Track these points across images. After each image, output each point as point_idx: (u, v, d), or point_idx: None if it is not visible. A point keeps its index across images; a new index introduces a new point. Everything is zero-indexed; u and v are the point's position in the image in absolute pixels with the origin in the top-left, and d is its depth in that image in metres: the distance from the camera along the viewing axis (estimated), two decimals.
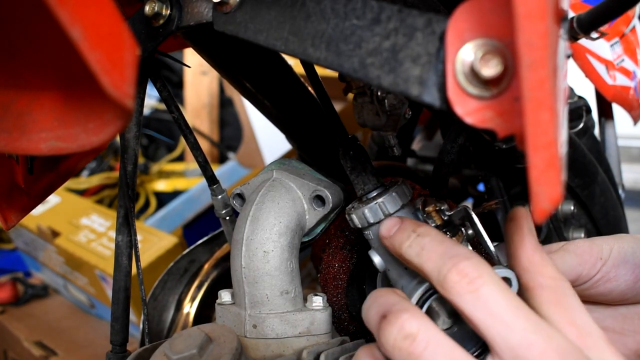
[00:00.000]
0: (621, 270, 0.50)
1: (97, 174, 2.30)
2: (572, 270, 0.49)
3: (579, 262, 0.49)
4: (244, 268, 0.54)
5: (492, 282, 0.39)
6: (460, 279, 0.39)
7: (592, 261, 0.49)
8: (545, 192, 0.31)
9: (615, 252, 0.50)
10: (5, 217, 0.56)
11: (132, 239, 0.61)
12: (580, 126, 0.94)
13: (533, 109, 0.30)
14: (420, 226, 0.45)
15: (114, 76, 0.30)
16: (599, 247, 0.50)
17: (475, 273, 0.39)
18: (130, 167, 0.60)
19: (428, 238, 0.43)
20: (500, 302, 0.38)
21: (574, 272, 0.49)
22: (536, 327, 0.37)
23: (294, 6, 0.41)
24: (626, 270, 0.50)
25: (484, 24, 0.33)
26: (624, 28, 1.05)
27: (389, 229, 0.47)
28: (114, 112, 0.35)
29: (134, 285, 0.63)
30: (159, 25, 0.49)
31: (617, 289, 0.50)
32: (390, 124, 0.60)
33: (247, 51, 0.64)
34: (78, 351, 1.55)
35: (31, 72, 0.41)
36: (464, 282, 0.39)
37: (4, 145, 0.40)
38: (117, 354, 0.63)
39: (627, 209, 1.04)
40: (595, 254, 0.50)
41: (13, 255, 2.06)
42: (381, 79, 0.36)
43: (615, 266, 0.50)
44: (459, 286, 0.39)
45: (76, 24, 0.29)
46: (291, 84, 0.70)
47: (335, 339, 0.55)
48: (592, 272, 0.50)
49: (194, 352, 0.46)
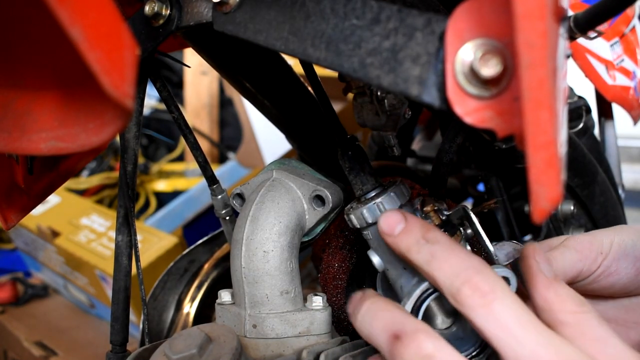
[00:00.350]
0: (622, 263, 0.49)
1: (97, 174, 2.30)
2: (572, 267, 0.49)
3: (579, 258, 0.49)
4: (244, 268, 0.54)
5: (504, 297, 0.39)
6: (473, 293, 0.39)
7: (592, 256, 0.49)
8: (545, 191, 0.31)
9: (616, 246, 0.50)
10: (5, 217, 0.56)
11: (132, 239, 0.61)
12: (580, 126, 0.94)
13: (532, 109, 0.30)
14: (428, 230, 0.44)
15: (113, 76, 0.30)
16: (599, 241, 0.50)
17: (488, 287, 0.39)
18: (130, 167, 0.60)
19: (438, 246, 0.43)
20: (512, 317, 0.38)
21: (575, 269, 0.49)
22: (547, 341, 0.38)
23: (293, 6, 0.41)
24: (627, 263, 0.49)
25: (483, 24, 0.33)
26: (624, 28, 1.05)
27: (390, 226, 0.46)
28: (113, 112, 0.35)
29: (134, 285, 0.63)
30: (158, 25, 0.49)
31: (619, 282, 0.50)
32: (390, 124, 0.60)
33: (247, 51, 0.64)
34: (78, 351, 1.55)
35: (31, 72, 0.41)
36: (476, 296, 0.39)
37: (4, 145, 0.41)
38: (117, 354, 0.63)
39: (627, 209, 1.04)
40: (595, 248, 0.49)
41: (13, 255, 2.06)
42: (381, 79, 0.36)
43: (616, 260, 0.49)
44: (472, 300, 0.39)
45: (76, 24, 0.29)
46: (291, 84, 0.70)
47: (335, 339, 0.55)
48: (593, 267, 0.49)
49: (194, 352, 0.46)
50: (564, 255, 0.49)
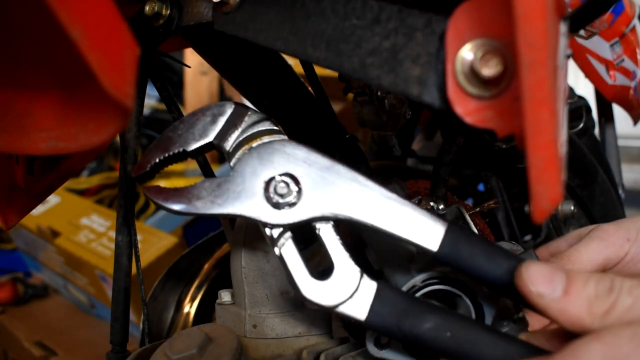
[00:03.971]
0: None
1: (97, 174, 2.29)
2: (598, 255, 0.49)
3: (605, 246, 0.49)
4: (244, 268, 0.54)
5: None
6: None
7: (619, 242, 0.49)
8: (545, 191, 0.31)
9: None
10: (5, 217, 0.56)
11: (132, 239, 0.61)
12: (580, 126, 0.94)
13: (533, 109, 0.30)
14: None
15: (114, 76, 0.30)
16: (625, 228, 0.50)
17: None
18: (130, 167, 0.60)
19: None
20: None
21: (601, 256, 0.49)
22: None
23: (293, 6, 0.41)
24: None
25: (483, 24, 0.33)
26: (624, 28, 1.05)
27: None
28: (113, 112, 0.35)
29: (134, 285, 0.63)
30: (159, 25, 0.49)
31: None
32: (390, 124, 0.60)
33: (247, 51, 0.64)
34: (78, 351, 1.55)
35: (31, 72, 0.41)
36: None
37: (4, 145, 0.40)
38: (117, 354, 0.63)
39: (627, 209, 1.04)
40: (622, 235, 0.49)
41: (13, 255, 2.06)
42: (381, 79, 0.36)
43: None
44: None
45: (76, 24, 0.29)
46: (291, 84, 0.70)
47: (335, 338, 0.55)
48: (621, 253, 0.49)
49: (193, 352, 0.46)
50: (589, 245, 0.49)
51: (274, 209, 0.43)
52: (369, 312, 0.41)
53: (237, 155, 0.44)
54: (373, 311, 0.41)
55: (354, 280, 0.42)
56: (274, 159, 0.43)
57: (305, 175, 0.43)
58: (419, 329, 0.40)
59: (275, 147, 0.44)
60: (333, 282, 0.42)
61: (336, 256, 0.42)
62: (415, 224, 0.42)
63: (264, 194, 0.43)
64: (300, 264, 0.42)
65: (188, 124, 0.47)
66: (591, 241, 0.49)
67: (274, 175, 0.43)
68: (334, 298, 0.41)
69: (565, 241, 0.56)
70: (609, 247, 0.49)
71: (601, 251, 0.49)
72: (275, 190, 0.43)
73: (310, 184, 0.43)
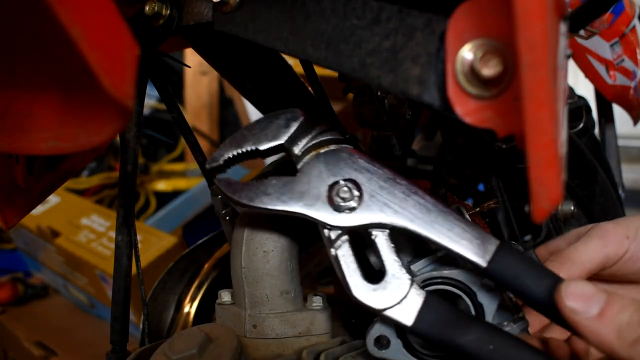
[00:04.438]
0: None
1: (97, 174, 2.30)
2: (598, 253, 0.49)
3: (604, 244, 0.49)
4: (244, 268, 0.54)
5: None
6: None
7: (618, 240, 0.49)
8: (545, 191, 0.31)
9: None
10: (5, 217, 0.55)
11: (132, 239, 0.61)
12: (580, 126, 0.94)
13: (533, 109, 0.30)
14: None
15: (114, 76, 0.30)
16: (624, 226, 0.50)
17: None
18: (130, 167, 0.60)
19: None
20: None
21: (600, 254, 0.49)
22: None
23: (293, 6, 0.41)
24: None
25: (483, 24, 0.33)
26: (624, 28, 1.05)
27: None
28: (113, 112, 0.35)
29: (134, 285, 0.63)
30: (159, 25, 0.49)
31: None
32: (390, 124, 0.60)
33: (247, 51, 0.64)
34: (78, 351, 1.54)
35: (31, 72, 0.41)
36: None
37: (4, 145, 0.40)
38: (117, 354, 0.63)
39: (627, 209, 1.04)
40: (620, 232, 0.49)
41: (13, 255, 2.06)
42: (381, 78, 0.36)
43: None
44: None
45: (76, 24, 0.29)
46: (291, 84, 0.70)
47: (335, 338, 0.55)
48: (620, 251, 0.49)
49: (193, 352, 0.46)
50: (588, 244, 0.49)
51: (334, 211, 0.46)
52: (416, 318, 0.43)
53: (305, 159, 0.48)
54: (420, 318, 0.43)
55: (404, 287, 0.44)
56: (339, 165, 0.46)
57: (367, 182, 0.46)
58: (462, 339, 0.42)
59: (341, 155, 0.47)
60: (384, 287, 0.44)
61: (389, 263, 0.45)
62: (468, 240, 0.44)
63: (327, 197, 0.46)
64: (354, 266, 0.45)
65: (263, 125, 0.49)
66: (590, 240, 0.49)
67: (338, 179, 0.46)
68: (383, 302, 0.44)
69: (564, 240, 0.56)
70: (608, 245, 0.49)
71: (600, 249, 0.49)
72: (337, 193, 0.45)
73: (371, 191, 0.45)
